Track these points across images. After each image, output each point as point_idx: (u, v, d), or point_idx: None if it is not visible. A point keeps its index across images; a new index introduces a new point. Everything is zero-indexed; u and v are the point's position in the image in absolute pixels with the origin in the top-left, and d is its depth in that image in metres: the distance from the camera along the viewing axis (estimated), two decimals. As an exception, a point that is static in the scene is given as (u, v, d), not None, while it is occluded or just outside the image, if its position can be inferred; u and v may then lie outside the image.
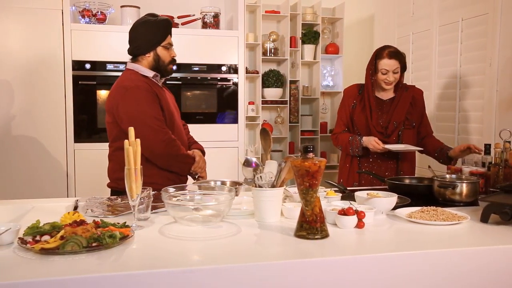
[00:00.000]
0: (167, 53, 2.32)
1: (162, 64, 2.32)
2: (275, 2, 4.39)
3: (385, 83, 2.66)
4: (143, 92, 2.22)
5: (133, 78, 2.28)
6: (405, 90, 2.73)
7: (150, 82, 2.30)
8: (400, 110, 2.68)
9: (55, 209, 1.86)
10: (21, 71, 3.47)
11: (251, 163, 1.65)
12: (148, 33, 2.28)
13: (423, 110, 2.76)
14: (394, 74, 2.63)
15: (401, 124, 2.68)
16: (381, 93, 2.75)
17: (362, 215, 1.56)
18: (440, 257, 1.36)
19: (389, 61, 2.63)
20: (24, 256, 1.25)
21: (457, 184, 1.94)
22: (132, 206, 1.56)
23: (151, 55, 2.30)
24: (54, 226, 1.40)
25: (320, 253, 1.33)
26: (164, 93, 2.36)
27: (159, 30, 2.29)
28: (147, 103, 2.21)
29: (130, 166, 1.54)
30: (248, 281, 1.22)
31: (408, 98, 2.71)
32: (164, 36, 2.30)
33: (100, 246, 1.30)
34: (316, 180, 1.41)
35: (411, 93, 2.73)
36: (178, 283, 1.17)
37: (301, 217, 1.45)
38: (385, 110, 2.71)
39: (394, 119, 2.68)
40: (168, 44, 2.33)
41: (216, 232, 1.52)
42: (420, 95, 2.77)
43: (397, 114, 2.68)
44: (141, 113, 2.18)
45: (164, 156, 2.22)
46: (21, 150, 3.50)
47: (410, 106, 2.70)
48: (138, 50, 2.31)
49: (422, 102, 2.76)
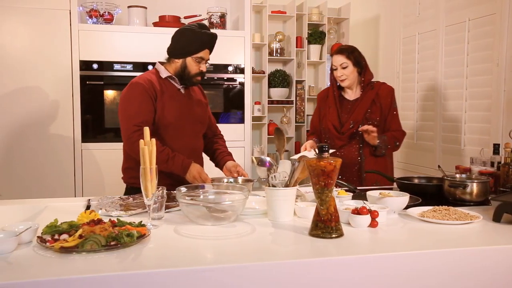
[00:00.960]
0: (195, 66, 2.31)
1: (187, 74, 2.31)
2: (281, 2, 4.40)
3: (340, 80, 2.67)
4: (139, 90, 2.25)
5: (144, 76, 2.33)
6: (370, 89, 2.69)
7: (163, 82, 2.32)
8: (359, 110, 2.66)
9: (68, 209, 1.88)
10: (29, 71, 3.48)
11: (265, 163, 1.66)
12: (185, 40, 2.28)
13: (388, 107, 2.69)
14: (343, 69, 2.63)
15: (358, 124, 2.63)
16: (348, 93, 2.74)
17: (376, 214, 1.57)
18: (455, 256, 1.37)
19: (336, 57, 2.66)
20: (44, 254, 1.26)
21: (468, 184, 1.95)
22: (147, 205, 1.57)
23: (179, 61, 2.31)
24: (71, 225, 1.41)
25: (336, 252, 1.34)
26: (179, 97, 2.35)
27: (196, 42, 2.27)
28: (138, 101, 2.23)
29: (145, 166, 1.55)
30: (265, 280, 1.23)
31: (371, 97, 2.67)
32: (199, 49, 2.28)
33: (118, 245, 1.31)
34: (332, 180, 1.42)
35: (376, 91, 2.69)
36: (198, 281, 1.18)
37: (316, 216, 1.46)
38: (347, 109, 2.71)
39: (352, 118, 2.66)
40: (201, 58, 2.30)
41: (231, 231, 1.53)
42: (387, 92, 2.70)
43: (356, 114, 2.66)
44: (124, 110, 2.26)
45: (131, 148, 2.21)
46: (29, 149, 3.52)
47: (372, 105, 2.67)
48: (171, 52, 2.33)
49: (388, 99, 2.69)
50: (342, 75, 2.65)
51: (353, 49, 2.68)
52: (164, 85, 2.31)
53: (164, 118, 2.27)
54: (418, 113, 3.75)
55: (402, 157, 3.99)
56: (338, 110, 2.72)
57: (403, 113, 3.94)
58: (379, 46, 4.41)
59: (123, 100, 2.29)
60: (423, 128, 3.69)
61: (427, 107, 3.63)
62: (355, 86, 2.72)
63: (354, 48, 2.70)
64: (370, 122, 2.64)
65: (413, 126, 3.80)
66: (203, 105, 2.49)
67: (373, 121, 2.65)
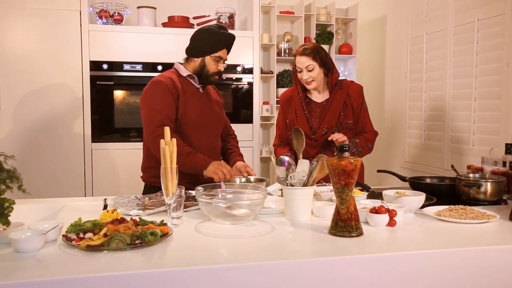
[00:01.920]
0: (214, 65, 2.36)
1: (206, 73, 2.36)
2: (289, 3, 4.41)
3: (306, 83, 2.48)
4: (162, 87, 2.29)
5: (165, 74, 2.37)
6: (339, 89, 2.52)
7: (184, 81, 2.36)
8: (332, 114, 2.48)
9: (85, 208, 1.90)
10: (39, 72, 3.51)
11: (284, 162, 1.68)
12: (204, 40, 2.33)
13: (359, 107, 2.54)
14: (308, 72, 2.44)
15: (332, 128, 2.48)
16: (315, 95, 2.57)
17: (394, 213, 1.58)
18: (474, 255, 1.38)
19: (300, 58, 2.46)
20: (71, 252, 1.28)
21: (482, 183, 1.96)
22: (167, 204, 1.59)
23: (198, 60, 2.35)
24: (95, 224, 1.43)
25: (357, 250, 1.36)
26: (198, 95, 2.38)
27: (215, 42, 2.33)
28: (160, 97, 2.27)
29: (166, 165, 1.57)
30: (289, 278, 1.24)
31: (342, 98, 2.50)
32: (218, 49, 2.33)
33: (143, 244, 1.33)
34: (352, 179, 1.44)
35: (346, 91, 2.52)
36: (224, 279, 1.20)
37: (336, 215, 1.48)
38: (317, 113, 2.53)
39: (325, 123, 2.49)
40: (219, 57, 2.35)
41: (252, 230, 1.55)
42: (356, 91, 2.55)
43: (328, 118, 2.49)
44: (147, 104, 2.28)
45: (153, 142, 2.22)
46: (39, 149, 3.54)
47: (344, 107, 2.51)
48: (190, 52, 2.38)
49: (358, 98, 2.54)
50: (308, 78, 2.45)
51: (319, 50, 2.47)
52: (184, 84, 2.36)
53: (187, 116, 2.31)
54: (426, 113, 3.76)
55: (410, 157, 4.00)
56: (307, 115, 2.53)
57: (411, 113, 3.96)
58: (386, 46, 4.43)
59: (146, 96, 2.31)
60: (431, 128, 3.70)
61: (435, 107, 3.64)
62: (321, 87, 2.54)
63: (320, 48, 2.49)
64: (344, 126, 2.50)
65: (421, 126, 3.81)
66: (220, 105, 2.54)
67: (348, 125, 2.51)
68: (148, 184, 2.41)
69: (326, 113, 2.51)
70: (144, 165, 2.44)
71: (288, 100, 2.61)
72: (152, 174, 2.32)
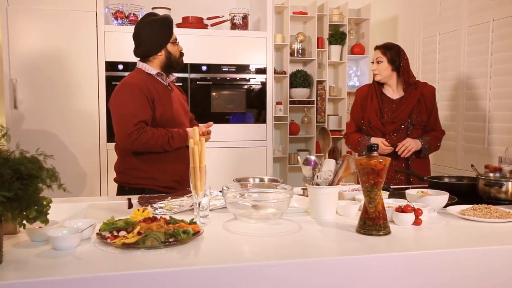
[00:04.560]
0: (175, 48, 2.41)
1: (174, 59, 2.40)
2: (302, 3, 4.43)
3: (373, 74, 2.76)
4: (134, 89, 2.27)
5: (134, 75, 2.37)
6: (414, 88, 2.73)
7: (153, 80, 2.35)
8: (404, 110, 2.69)
9: (110, 207, 1.93)
10: (55, 72, 3.54)
11: (310, 162, 1.70)
12: (156, 32, 2.34)
13: (431, 107, 2.76)
14: (377, 64, 2.72)
15: (401, 121, 2.69)
16: (389, 91, 2.78)
17: (420, 212, 1.60)
18: (501, 253, 1.40)
19: (375, 51, 2.77)
20: (107, 250, 1.31)
21: (504, 183, 1.98)
22: (196, 203, 1.62)
23: (162, 53, 2.37)
24: (127, 222, 1.45)
25: (386, 249, 1.37)
26: (168, 92, 2.40)
27: (165, 28, 2.36)
28: (133, 99, 2.25)
29: (195, 165, 1.59)
30: (320, 275, 1.26)
31: (416, 97, 2.71)
32: (171, 33, 2.38)
33: (176, 242, 1.35)
34: (381, 178, 1.46)
35: (420, 90, 2.73)
36: (261, 276, 1.22)
37: (364, 214, 1.50)
38: (391, 109, 2.74)
39: (397, 118, 2.70)
40: (175, 39, 2.41)
41: (279, 229, 1.57)
42: (430, 91, 2.77)
43: (400, 113, 2.70)
44: (120, 107, 2.27)
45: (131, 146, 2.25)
46: (55, 149, 3.56)
47: (418, 105, 2.71)
48: (150, 51, 2.36)
49: (431, 99, 2.76)
50: (375, 70, 2.73)
51: (392, 47, 2.73)
52: (155, 84, 2.35)
53: (165, 114, 2.32)
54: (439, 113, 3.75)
55: (423, 156, 4.01)
56: (382, 111, 2.74)
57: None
58: (399, 46, 4.43)
59: (118, 99, 2.29)
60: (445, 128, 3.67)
61: (449, 107, 3.65)
62: (395, 84, 2.75)
63: (394, 46, 2.74)
64: (417, 122, 2.69)
65: (435, 126, 3.81)
66: (185, 99, 2.61)
67: (421, 122, 2.71)
68: (126, 187, 2.36)
69: (399, 109, 2.71)
70: (122, 167, 2.38)
71: (363, 95, 2.84)
72: (134, 175, 2.33)
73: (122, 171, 2.37)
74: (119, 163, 2.40)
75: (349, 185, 2.03)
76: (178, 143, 2.29)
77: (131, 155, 2.32)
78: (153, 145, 2.24)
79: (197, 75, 3.84)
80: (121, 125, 2.24)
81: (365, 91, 2.85)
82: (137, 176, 2.31)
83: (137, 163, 2.31)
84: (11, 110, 3.46)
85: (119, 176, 2.39)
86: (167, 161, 2.31)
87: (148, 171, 2.30)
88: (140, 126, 2.21)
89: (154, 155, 2.30)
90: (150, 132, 2.23)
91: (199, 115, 3.82)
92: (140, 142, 2.21)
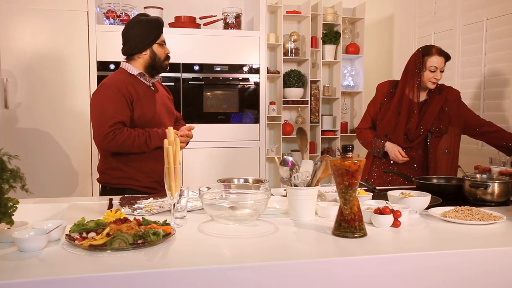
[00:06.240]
0: (162, 50, 2.39)
1: (158, 60, 2.38)
2: (296, 3, 4.40)
3: (432, 82, 2.57)
4: (113, 90, 2.25)
5: (115, 76, 2.35)
6: (438, 93, 2.63)
7: (134, 81, 2.34)
8: (429, 116, 2.59)
9: (90, 207, 1.91)
10: (47, 72, 3.53)
11: (288, 162, 1.67)
12: (143, 31, 2.33)
13: (461, 110, 2.65)
14: (441, 72, 2.56)
15: (427, 131, 2.60)
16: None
17: (398, 214, 1.57)
18: (479, 256, 1.37)
19: (438, 58, 2.55)
20: (74, 252, 1.28)
21: (490, 184, 1.94)
22: (171, 204, 1.59)
23: (147, 52, 2.35)
24: (98, 224, 1.43)
25: (360, 251, 1.34)
26: (150, 93, 2.38)
27: (154, 29, 2.35)
28: (111, 100, 2.24)
29: (170, 165, 1.57)
30: (291, 278, 1.24)
31: (440, 102, 2.60)
32: (159, 34, 2.37)
33: (145, 243, 1.33)
34: (356, 179, 1.43)
35: (445, 95, 2.62)
36: (226, 279, 1.20)
37: (340, 215, 1.47)
38: (414, 114, 2.61)
39: (421, 125, 2.60)
40: (162, 41, 2.39)
41: (255, 230, 1.54)
42: (455, 97, 2.65)
43: (425, 120, 2.59)
44: (98, 108, 2.25)
45: (108, 147, 2.24)
46: (46, 149, 3.56)
47: (441, 112, 2.60)
48: (135, 48, 2.35)
49: (458, 103, 2.65)
50: (436, 79, 2.56)
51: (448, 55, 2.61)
52: (136, 84, 2.33)
53: (145, 115, 2.31)
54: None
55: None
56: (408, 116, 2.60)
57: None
58: (394, 46, 4.39)
59: (98, 100, 2.28)
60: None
61: (444, 107, 3.61)
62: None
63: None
64: (437, 130, 2.59)
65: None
66: (170, 99, 2.58)
67: (441, 130, 2.59)
68: (108, 187, 2.36)
69: (424, 115, 2.59)
70: (103, 167, 2.36)
71: (384, 93, 2.72)
72: (114, 176, 2.32)
73: (103, 171, 2.36)
74: (100, 163, 2.39)
75: (331, 185, 2.00)
76: (156, 143, 2.26)
77: (110, 155, 2.31)
78: (129, 145, 2.22)
79: (190, 75, 3.82)
80: (97, 126, 2.23)
81: (387, 90, 2.73)
82: (117, 176, 2.30)
83: (116, 163, 2.30)
84: (2, 110, 3.46)
85: (101, 176, 2.38)
86: (146, 161, 2.30)
87: (128, 171, 2.29)
88: (117, 127, 2.20)
89: (133, 155, 2.28)
90: (126, 133, 2.21)
91: (192, 115, 3.81)
92: (116, 143, 2.20)
